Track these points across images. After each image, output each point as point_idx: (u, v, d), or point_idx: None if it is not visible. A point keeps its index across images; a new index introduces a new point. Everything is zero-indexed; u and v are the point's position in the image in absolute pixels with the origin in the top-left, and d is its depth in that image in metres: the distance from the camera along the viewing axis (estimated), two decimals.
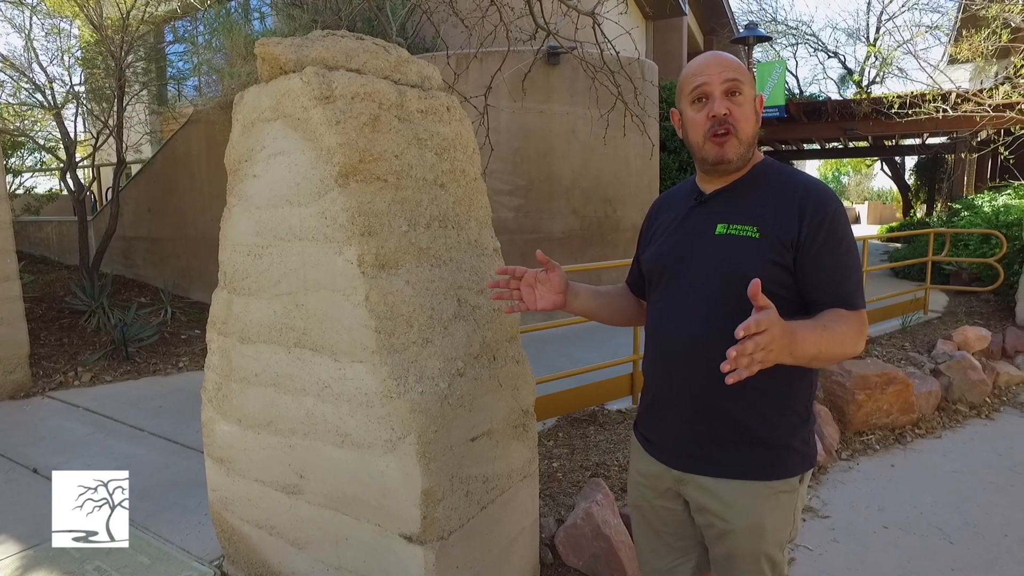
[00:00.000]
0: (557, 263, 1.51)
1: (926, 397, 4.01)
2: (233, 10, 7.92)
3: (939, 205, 16.24)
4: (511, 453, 1.87)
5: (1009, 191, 8.34)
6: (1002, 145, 8.23)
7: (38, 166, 8.50)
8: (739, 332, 1.02)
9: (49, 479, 3.04)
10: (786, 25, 19.38)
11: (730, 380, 1.03)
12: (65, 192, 7.13)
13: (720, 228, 1.31)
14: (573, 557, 2.19)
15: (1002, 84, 7.97)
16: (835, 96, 17.76)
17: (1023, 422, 4.07)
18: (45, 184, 11.59)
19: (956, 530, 2.73)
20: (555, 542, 2.24)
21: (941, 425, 3.97)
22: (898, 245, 11.94)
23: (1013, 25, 7.48)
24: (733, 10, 15.42)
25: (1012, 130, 8.04)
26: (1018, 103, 7.45)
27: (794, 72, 19.59)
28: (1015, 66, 7.69)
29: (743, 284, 1.14)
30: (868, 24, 20.24)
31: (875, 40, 18.20)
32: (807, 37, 19.17)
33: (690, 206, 1.40)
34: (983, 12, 7.60)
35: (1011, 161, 8.55)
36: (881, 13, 19.01)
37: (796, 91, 18.93)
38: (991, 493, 3.08)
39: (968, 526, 2.76)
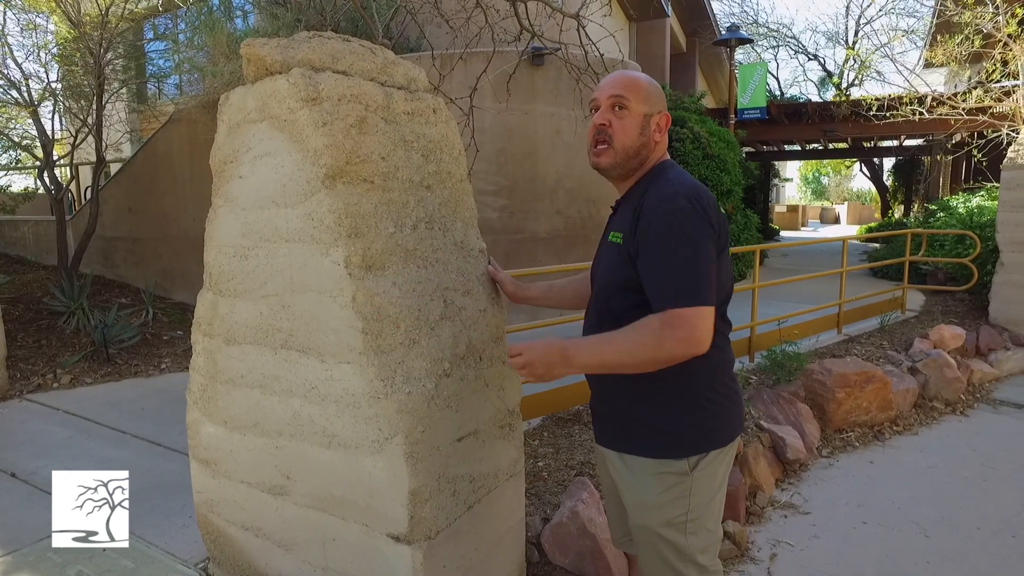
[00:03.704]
0: (505, 280, 1.90)
1: (903, 395, 4.09)
2: (215, 8, 7.83)
3: (916, 206, 16.54)
4: (497, 453, 1.88)
5: (982, 193, 8.53)
6: (976, 148, 8.41)
7: (13, 164, 8.33)
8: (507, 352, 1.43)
9: (28, 483, 3.01)
10: (767, 27, 19.61)
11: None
12: (42, 191, 7.00)
13: (611, 236, 1.47)
14: (559, 555, 2.21)
15: (975, 88, 8.16)
16: (815, 98, 18.01)
17: (996, 418, 4.18)
18: (20, 183, 11.38)
19: (932, 524, 2.80)
20: (541, 541, 2.26)
21: (918, 422, 4.06)
22: (876, 245, 12.15)
23: (985, 31, 7.65)
24: (715, 12, 15.57)
25: (985, 133, 8.22)
26: (990, 107, 7.62)
27: (775, 74, 19.82)
28: (987, 71, 7.87)
29: (612, 288, 1.43)
30: (847, 28, 20.56)
31: (854, 43, 18.48)
32: (788, 40, 19.41)
33: (610, 215, 1.58)
34: (957, 18, 7.76)
35: (984, 164, 8.74)
36: (859, 17, 19.33)
37: (777, 93, 19.18)
38: (966, 488, 3.16)
39: (944, 520, 2.83)
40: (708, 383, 1.41)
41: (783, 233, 21.51)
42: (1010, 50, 7.25)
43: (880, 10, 21.74)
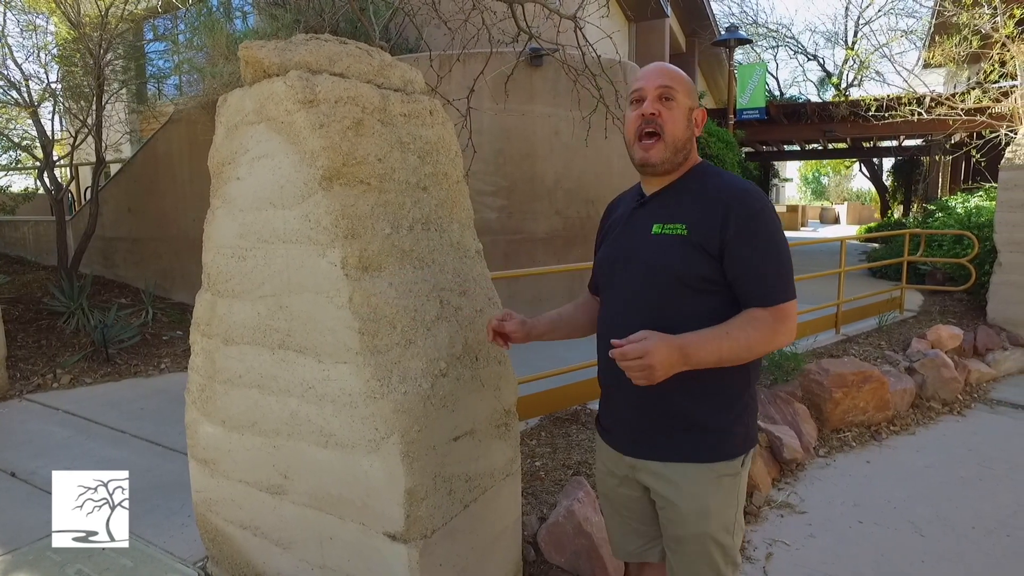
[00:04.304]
0: (512, 316, 1.63)
1: (901, 395, 4.11)
2: (215, 8, 7.85)
3: (915, 206, 16.56)
4: (493, 452, 1.90)
5: (981, 193, 8.54)
6: (974, 148, 8.43)
7: (13, 164, 8.36)
8: (610, 354, 1.25)
9: (28, 483, 3.02)
10: (767, 28, 19.64)
11: (638, 383, 1.25)
12: (42, 191, 7.03)
13: (655, 228, 1.40)
14: (555, 554, 2.22)
15: (973, 89, 8.17)
16: (814, 98, 18.04)
17: (993, 418, 4.19)
18: (20, 183, 11.40)
19: (927, 523, 2.81)
20: (538, 540, 2.27)
21: (915, 422, 4.07)
22: (876, 245, 12.17)
23: (983, 32, 7.66)
24: (715, 12, 15.59)
25: (983, 133, 8.24)
26: (988, 107, 7.64)
27: (775, 74, 19.85)
28: (985, 72, 7.89)
29: (673, 281, 1.35)
30: (846, 28, 20.60)
31: (853, 44, 18.50)
32: (787, 40, 19.44)
33: (633, 208, 1.50)
34: (955, 19, 7.78)
35: (983, 164, 8.75)
36: (858, 18, 19.36)
37: (777, 93, 19.20)
38: (961, 487, 3.17)
39: (939, 519, 2.85)
40: (748, 383, 1.43)
41: None
42: (1008, 51, 7.27)
43: (879, 11, 21.77)
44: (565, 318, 1.71)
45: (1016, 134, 6.39)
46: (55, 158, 6.71)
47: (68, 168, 7.47)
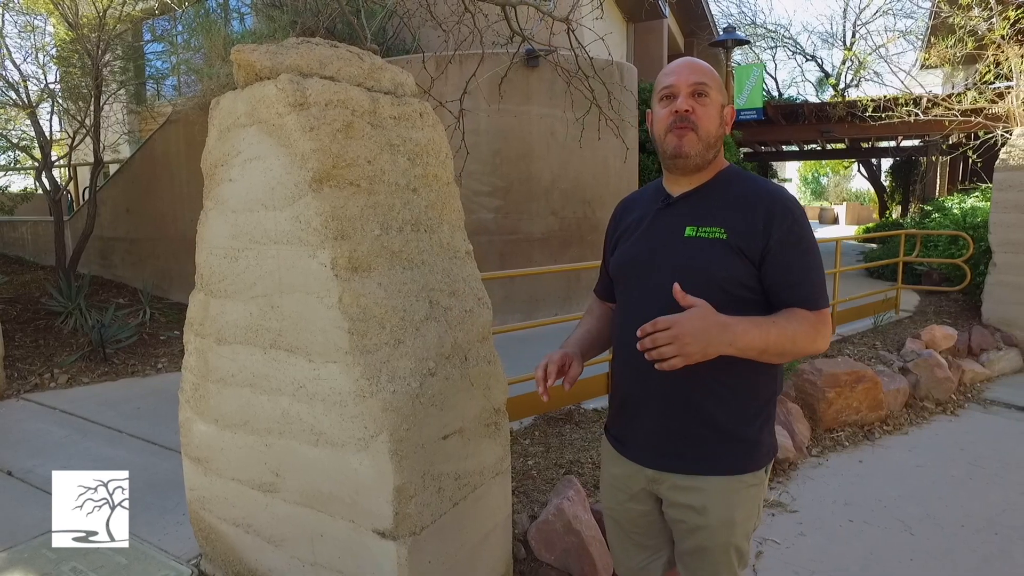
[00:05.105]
0: (568, 359, 1.49)
1: (894, 395, 4.12)
2: (212, 10, 7.87)
3: (913, 206, 16.58)
4: (483, 451, 1.91)
5: (977, 194, 8.57)
6: (971, 149, 8.45)
7: (12, 165, 8.38)
8: (638, 332, 1.16)
9: (24, 481, 3.04)
10: (765, 28, 19.67)
11: (659, 367, 1.16)
12: (40, 191, 7.05)
13: (689, 230, 1.35)
14: (545, 552, 2.24)
15: (969, 90, 8.19)
16: (813, 99, 18.07)
17: (986, 418, 4.21)
18: (19, 183, 11.43)
19: (917, 522, 2.83)
20: (528, 538, 2.29)
21: (908, 422, 4.09)
22: (873, 246, 12.19)
23: (979, 33, 7.69)
24: (713, 13, 15.61)
25: (979, 134, 8.26)
26: (984, 108, 7.66)
27: (773, 75, 19.89)
28: (980, 73, 7.91)
29: (711, 284, 1.29)
30: (844, 29, 20.63)
31: (851, 45, 18.53)
32: (786, 40, 19.47)
33: (657, 208, 1.43)
34: (952, 20, 7.80)
35: (980, 164, 8.77)
36: (856, 20, 19.39)
37: (776, 93, 19.24)
38: (952, 486, 3.19)
39: (929, 518, 2.87)
40: (775, 390, 1.42)
41: None
42: (1002, 52, 7.29)
43: (877, 11, 21.82)
44: (595, 333, 1.61)
45: (1011, 135, 6.41)
46: (53, 158, 6.73)
47: (66, 168, 7.49)
